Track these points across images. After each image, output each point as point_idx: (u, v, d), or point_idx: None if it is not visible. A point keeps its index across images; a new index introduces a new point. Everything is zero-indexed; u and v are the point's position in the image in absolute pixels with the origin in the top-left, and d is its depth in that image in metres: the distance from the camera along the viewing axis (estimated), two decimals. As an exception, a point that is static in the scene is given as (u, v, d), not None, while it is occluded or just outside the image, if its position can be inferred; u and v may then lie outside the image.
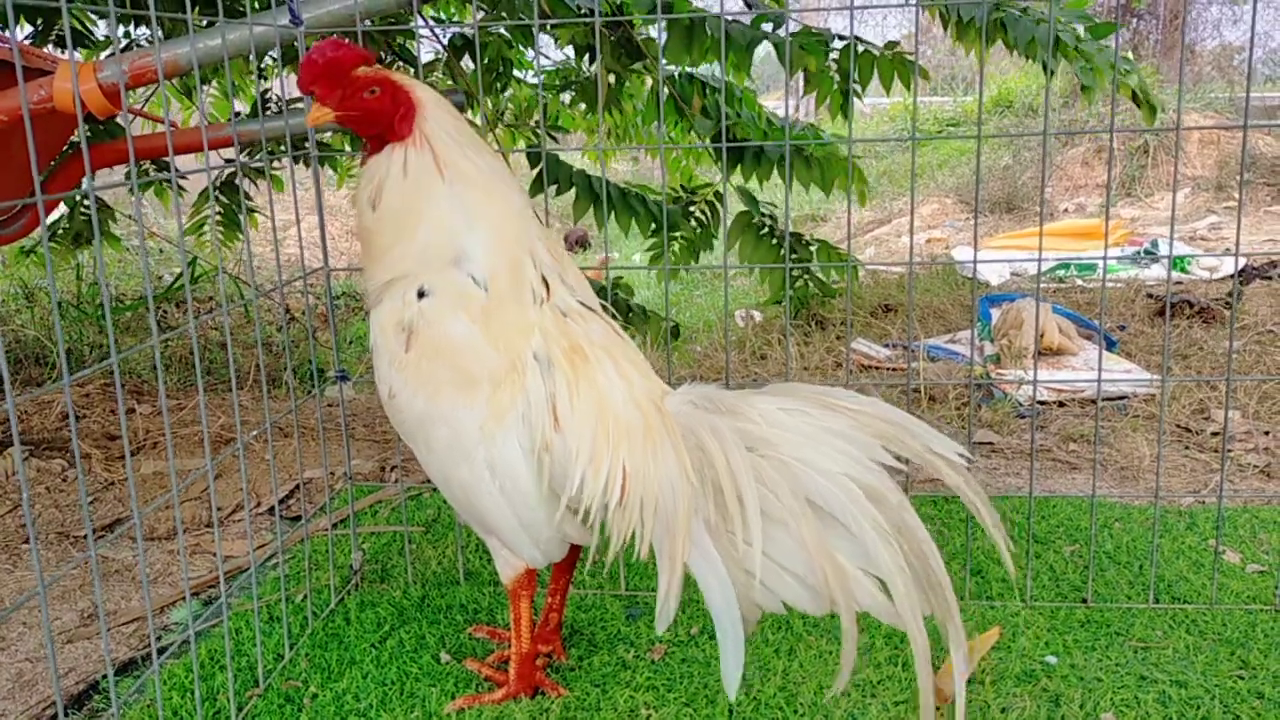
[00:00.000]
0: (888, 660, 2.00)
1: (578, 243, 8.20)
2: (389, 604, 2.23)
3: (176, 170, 1.75)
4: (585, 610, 2.23)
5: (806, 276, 4.59)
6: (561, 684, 1.93)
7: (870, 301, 5.32)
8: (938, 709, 1.85)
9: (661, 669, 1.99)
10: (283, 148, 2.65)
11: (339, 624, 2.17)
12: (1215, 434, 3.31)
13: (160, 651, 2.06)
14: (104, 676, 2.03)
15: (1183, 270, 6.11)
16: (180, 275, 5.01)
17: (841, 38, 3.38)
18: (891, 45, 3.37)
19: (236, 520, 2.79)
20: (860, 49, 3.28)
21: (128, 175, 3.81)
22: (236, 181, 3.92)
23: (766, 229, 3.97)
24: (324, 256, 2.23)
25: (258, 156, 3.81)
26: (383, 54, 3.86)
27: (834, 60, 3.39)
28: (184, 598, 2.32)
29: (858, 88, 3.48)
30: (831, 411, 1.60)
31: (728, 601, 1.58)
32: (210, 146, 2.26)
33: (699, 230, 3.95)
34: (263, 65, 4.02)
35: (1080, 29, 3.16)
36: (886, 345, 4.62)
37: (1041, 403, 3.71)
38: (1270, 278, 5.54)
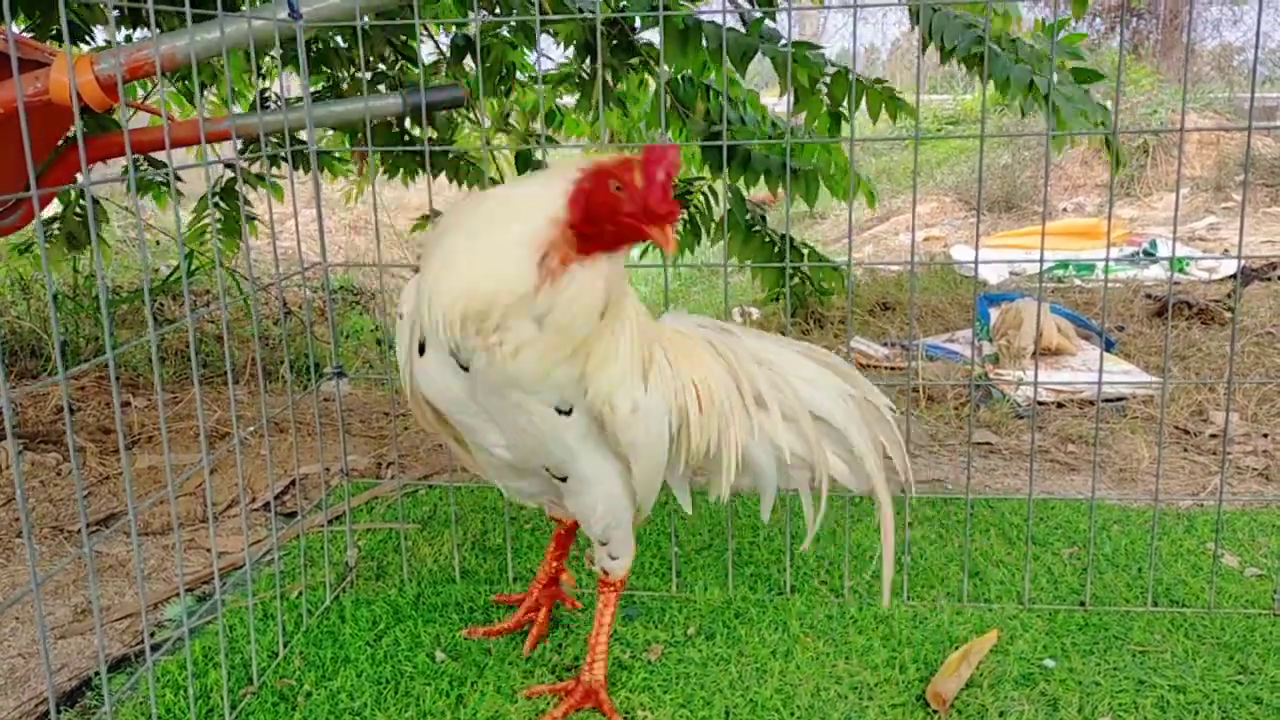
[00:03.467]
0: (885, 663, 1.99)
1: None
2: (384, 602, 2.22)
3: (173, 165, 1.74)
4: (583, 610, 2.22)
5: (802, 275, 4.59)
6: (556, 683, 1.93)
7: (868, 300, 5.31)
8: (934, 711, 1.84)
9: (658, 669, 1.98)
10: (280, 146, 2.64)
11: (334, 621, 2.16)
12: (1214, 436, 3.30)
13: (154, 648, 2.05)
14: (97, 673, 2.01)
15: (1182, 271, 6.10)
16: (177, 268, 4.98)
17: (833, 64, 3.43)
18: (879, 81, 3.44)
19: (232, 516, 2.78)
20: (851, 77, 3.31)
21: (124, 171, 3.78)
22: (236, 188, 3.91)
23: (758, 227, 3.97)
24: (322, 252, 2.22)
25: (257, 161, 3.80)
26: (385, 54, 3.84)
27: (825, 84, 3.43)
28: (178, 594, 2.31)
29: (845, 111, 3.51)
30: (799, 350, 1.95)
31: (769, 461, 1.90)
32: (208, 140, 2.25)
33: (692, 222, 3.96)
34: (261, 65, 4.00)
35: (1066, 65, 3.18)
36: (885, 344, 4.61)
37: (1040, 403, 3.71)
38: (1269, 279, 5.54)
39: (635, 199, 1.46)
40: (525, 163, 3.62)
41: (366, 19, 2.81)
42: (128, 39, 3.71)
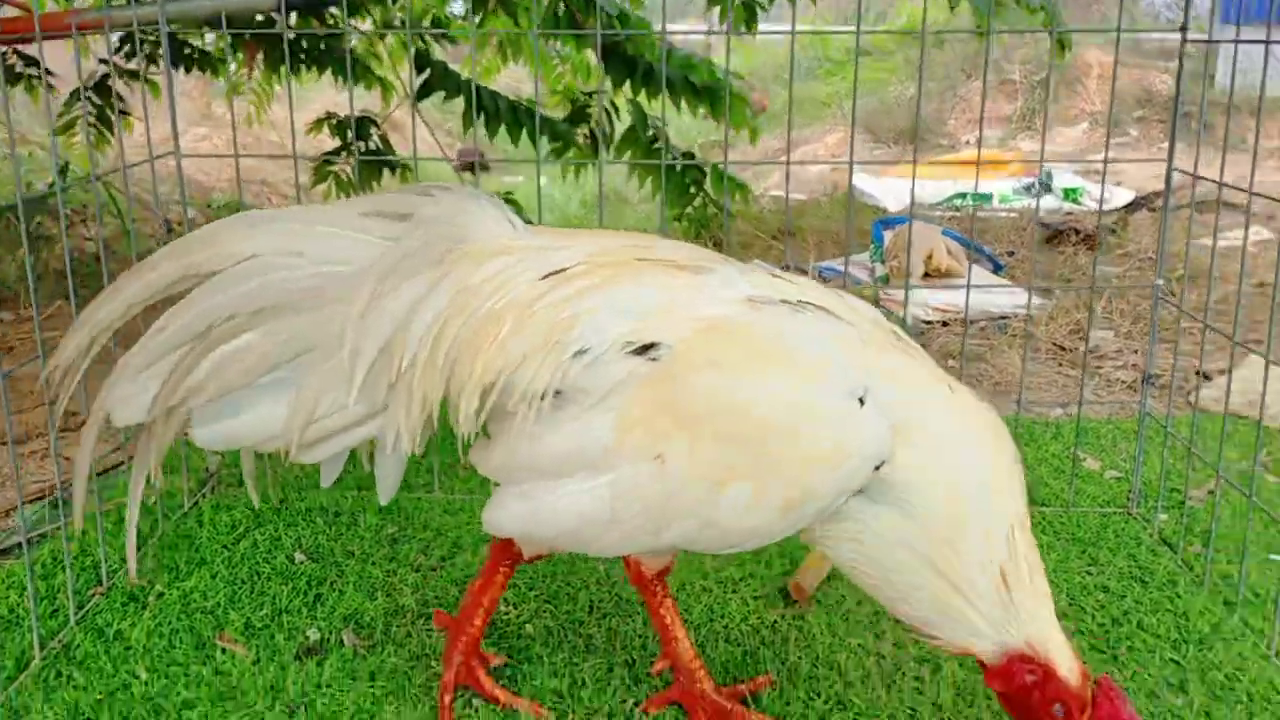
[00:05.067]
0: (751, 558, 2.01)
1: (477, 164, 8.02)
2: (245, 507, 2.17)
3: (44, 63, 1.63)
4: (452, 514, 2.19)
5: (704, 196, 4.56)
6: (421, 584, 1.90)
7: (772, 225, 5.33)
8: (794, 601, 1.87)
9: (524, 569, 1.97)
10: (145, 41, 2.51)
11: (191, 526, 2.10)
12: (1089, 352, 3.39)
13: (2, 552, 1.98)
14: (-63, 579, 1.93)
15: (1075, 201, 6.22)
16: (53, 184, 4.76)
17: None
18: None
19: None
20: None
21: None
22: (109, 84, 3.73)
23: (659, 143, 3.93)
24: (174, 141, 2.12)
25: (134, 59, 3.62)
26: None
27: None
28: (34, 500, 2.23)
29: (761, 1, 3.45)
30: None
31: None
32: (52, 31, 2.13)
33: (591, 136, 3.90)
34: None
35: None
36: (784, 268, 4.63)
37: (927, 323, 3.76)
38: (1156, 209, 5.68)
39: None
40: (424, 65, 3.48)
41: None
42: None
